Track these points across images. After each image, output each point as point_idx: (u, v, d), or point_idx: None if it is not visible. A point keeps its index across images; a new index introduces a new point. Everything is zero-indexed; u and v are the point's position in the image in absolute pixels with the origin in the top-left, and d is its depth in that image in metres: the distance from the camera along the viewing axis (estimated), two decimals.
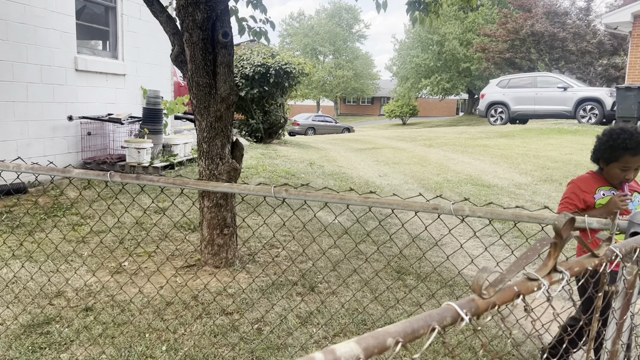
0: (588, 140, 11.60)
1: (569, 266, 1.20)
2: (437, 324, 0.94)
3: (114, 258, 4.10)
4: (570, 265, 1.21)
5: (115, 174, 2.06)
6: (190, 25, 3.30)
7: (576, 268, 1.22)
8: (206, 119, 3.53)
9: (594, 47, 24.47)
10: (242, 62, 10.97)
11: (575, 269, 1.22)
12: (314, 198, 1.91)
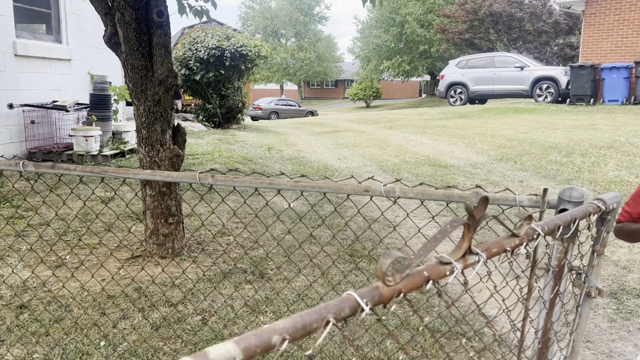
0: (543, 119, 11.83)
1: (486, 247, 1.15)
2: (333, 317, 0.87)
3: (54, 252, 3.92)
4: (487, 247, 1.15)
5: (28, 163, 1.91)
6: (122, 4, 3.13)
7: (494, 249, 1.17)
8: (144, 103, 3.37)
9: (550, 26, 24.94)
10: (197, 45, 10.69)
11: (493, 249, 1.16)
12: (242, 184, 1.82)
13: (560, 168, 7.15)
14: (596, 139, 8.97)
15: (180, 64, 10.92)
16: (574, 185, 1.61)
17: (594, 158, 7.60)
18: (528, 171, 7.15)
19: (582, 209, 1.43)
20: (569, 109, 13.33)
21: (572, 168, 7.11)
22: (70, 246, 4.01)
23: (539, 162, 7.54)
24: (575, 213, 1.40)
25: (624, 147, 8.20)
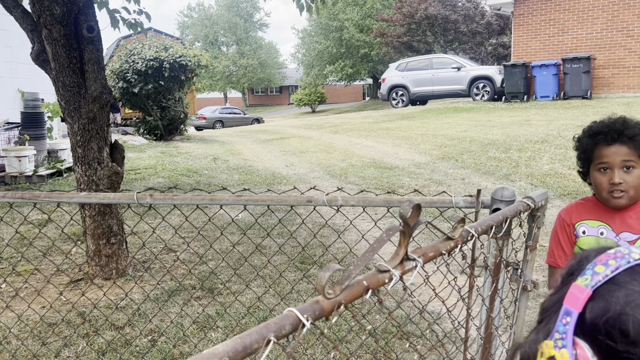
0: (481, 117, 12.26)
1: (423, 252, 1.18)
2: (274, 335, 0.86)
3: None
4: (424, 252, 1.18)
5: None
6: (49, 20, 3.01)
7: (430, 253, 1.20)
8: (78, 121, 3.25)
9: (483, 27, 25.91)
10: (134, 57, 10.43)
11: (429, 254, 1.20)
12: (182, 201, 1.78)
13: (499, 164, 7.43)
14: (531, 134, 9.38)
15: (117, 77, 10.62)
16: (505, 185, 1.68)
17: (530, 153, 7.94)
18: (469, 169, 7.39)
19: (512, 207, 1.49)
20: (504, 106, 13.87)
21: (510, 163, 7.40)
22: (4, 274, 3.81)
23: (479, 159, 7.80)
24: (506, 212, 1.46)
25: (556, 140, 8.61)
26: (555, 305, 0.74)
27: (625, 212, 1.64)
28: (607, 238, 1.66)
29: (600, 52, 13.93)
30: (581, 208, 1.75)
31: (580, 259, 0.77)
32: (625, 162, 1.59)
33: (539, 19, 14.64)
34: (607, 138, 1.61)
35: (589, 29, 14.04)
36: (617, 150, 1.60)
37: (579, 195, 5.82)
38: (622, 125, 1.61)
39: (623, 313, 0.66)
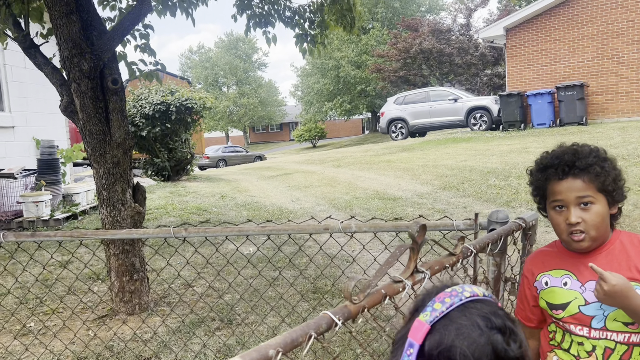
0: (480, 146, 12.54)
1: (430, 266, 1.40)
2: (314, 332, 1.09)
3: (17, 320, 3.89)
4: (430, 265, 1.40)
5: (8, 234, 2.03)
6: (78, 75, 3.30)
7: (436, 267, 1.42)
8: (103, 166, 3.51)
9: (478, 59, 26.53)
10: (141, 102, 10.81)
11: (435, 267, 1.42)
12: (213, 233, 2.01)
13: (500, 191, 7.65)
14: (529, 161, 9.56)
15: None
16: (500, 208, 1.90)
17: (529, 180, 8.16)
18: (470, 197, 7.61)
19: (506, 227, 1.72)
20: (502, 135, 14.19)
21: (510, 190, 7.62)
22: (32, 314, 4.00)
23: (480, 188, 8.03)
24: (500, 231, 1.68)
25: None
26: (402, 338, 0.91)
27: (592, 257, 1.43)
28: (571, 289, 1.46)
29: (593, 79, 14.33)
30: (545, 256, 1.57)
31: (424, 297, 0.94)
32: (581, 198, 1.39)
33: (531, 49, 15.11)
34: (558, 172, 1.43)
35: (580, 57, 14.48)
36: (569, 185, 1.40)
37: None
38: (573, 155, 1.43)
39: (453, 345, 0.83)
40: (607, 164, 1.44)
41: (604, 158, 1.46)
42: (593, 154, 1.45)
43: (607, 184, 1.42)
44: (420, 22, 28.76)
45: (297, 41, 5.32)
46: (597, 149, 1.48)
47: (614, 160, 1.49)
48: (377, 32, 35.30)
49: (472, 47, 26.50)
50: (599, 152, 1.47)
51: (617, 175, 1.45)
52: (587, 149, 1.46)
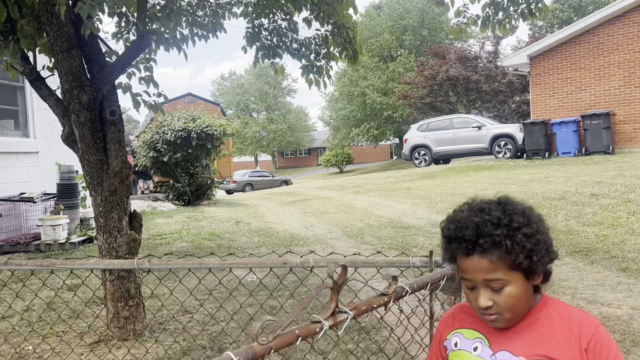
0: (502, 175, 12.37)
1: (355, 306, 1.40)
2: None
3: (16, 343, 4.00)
4: (356, 305, 1.41)
5: None
6: (77, 107, 3.44)
7: (363, 307, 1.42)
8: (100, 194, 3.62)
9: (505, 86, 26.33)
10: (164, 129, 11.09)
11: (362, 307, 1.42)
12: (175, 265, 2.05)
13: None
14: (549, 191, 9.44)
15: (148, 147, 11.27)
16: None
17: (546, 210, 8.00)
18: None
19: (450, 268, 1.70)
20: (526, 163, 13.97)
21: None
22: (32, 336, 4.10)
23: None
24: (445, 271, 1.67)
25: (574, 197, 8.65)
26: None
27: (511, 327, 1.26)
28: (480, 356, 1.28)
29: (619, 108, 14.04)
30: (462, 312, 1.39)
31: None
32: (489, 281, 1.19)
33: (556, 77, 14.94)
34: (461, 248, 1.22)
35: (606, 85, 14.23)
36: (475, 265, 1.19)
37: (591, 253, 5.85)
38: (476, 230, 1.19)
39: None
40: (522, 233, 1.18)
41: (518, 226, 1.18)
42: (503, 223, 1.18)
43: (520, 261, 1.17)
44: (448, 49, 28.81)
45: (303, 72, 5.42)
46: (511, 213, 1.21)
47: (536, 223, 1.23)
48: (404, 59, 35.51)
49: (499, 75, 26.34)
50: (512, 218, 1.20)
51: (536, 244, 1.19)
52: (495, 216, 1.19)
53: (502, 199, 1.29)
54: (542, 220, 1.28)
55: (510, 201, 1.28)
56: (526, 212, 1.25)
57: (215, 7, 5.72)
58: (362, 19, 40.21)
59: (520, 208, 1.25)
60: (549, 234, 1.26)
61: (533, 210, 1.29)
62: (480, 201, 1.30)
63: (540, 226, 1.24)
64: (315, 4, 4.64)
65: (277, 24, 5.59)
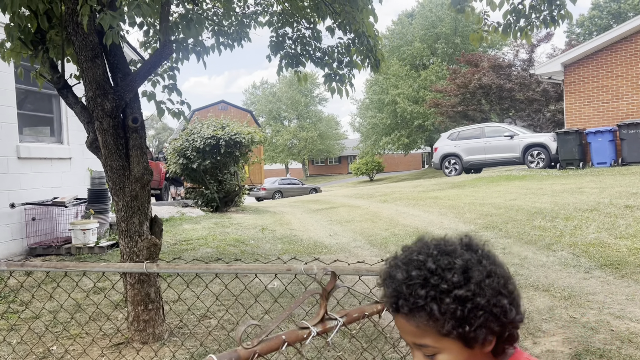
0: (533, 185, 12.10)
1: (346, 312, 1.40)
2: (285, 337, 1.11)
3: (42, 344, 4.12)
4: (347, 312, 1.40)
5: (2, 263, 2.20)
6: (100, 114, 3.54)
7: (355, 314, 1.41)
8: (122, 199, 3.70)
9: (540, 94, 25.80)
10: (193, 136, 11.29)
11: (353, 315, 1.41)
12: (182, 270, 2.09)
13: (543, 233, 7.33)
14: (581, 202, 9.18)
15: (178, 154, 11.49)
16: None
17: (577, 221, 7.78)
18: (512, 238, 7.34)
19: None
20: (559, 173, 13.63)
21: (554, 232, 7.29)
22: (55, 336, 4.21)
23: (523, 229, 7.73)
24: None
25: (607, 209, 8.39)
26: None
27: None
28: None
29: None
30: None
31: None
32: (418, 347, 1.01)
33: (591, 85, 14.57)
34: (387, 305, 1.05)
35: None
36: (401, 326, 1.03)
37: (621, 266, 5.66)
38: (395, 289, 1.01)
39: None
40: (453, 297, 0.96)
41: (448, 288, 0.96)
42: (431, 283, 0.97)
43: (449, 330, 0.96)
44: (481, 57, 28.45)
45: (326, 80, 5.44)
46: (446, 269, 0.99)
47: (479, 283, 0.98)
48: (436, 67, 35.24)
49: (533, 83, 25.83)
50: (444, 277, 0.98)
51: (472, 310, 0.96)
52: (421, 275, 0.98)
53: (446, 246, 1.05)
54: (498, 277, 1.00)
55: (454, 251, 1.04)
56: (469, 267, 0.99)
57: (241, 17, 5.82)
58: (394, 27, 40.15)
59: (461, 263, 1.00)
60: (503, 296, 0.99)
61: (487, 263, 1.02)
62: (419, 248, 1.07)
63: (486, 287, 0.97)
64: (336, 13, 4.67)
65: (301, 33, 5.64)
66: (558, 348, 3.73)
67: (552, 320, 4.23)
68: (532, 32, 3.83)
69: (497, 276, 1.01)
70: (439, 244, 1.08)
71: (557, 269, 5.68)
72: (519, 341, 1.05)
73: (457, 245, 1.07)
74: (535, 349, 3.74)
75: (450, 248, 1.05)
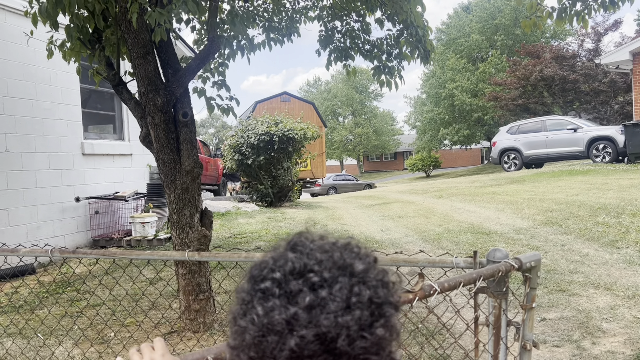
0: (598, 180, 11.52)
1: None
2: (213, 356, 1.13)
3: (100, 330, 4.32)
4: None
5: (55, 250, 2.32)
6: (152, 109, 3.66)
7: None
8: (174, 191, 3.82)
9: (607, 86, 24.51)
10: (248, 132, 11.49)
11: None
12: (222, 258, 2.12)
13: (607, 230, 6.96)
14: None
15: (233, 150, 11.74)
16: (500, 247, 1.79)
17: None
18: (572, 234, 7.01)
19: (491, 267, 1.62)
20: (626, 168, 12.91)
21: (619, 229, 6.91)
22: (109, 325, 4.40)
23: (585, 225, 7.37)
24: (482, 272, 1.59)
25: None
26: None
27: None
28: None
29: None
30: None
31: None
32: None
33: None
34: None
35: None
36: None
37: None
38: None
39: None
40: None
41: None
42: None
43: None
44: (543, 48, 27.34)
45: (375, 73, 5.38)
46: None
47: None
48: (495, 60, 34.18)
49: (600, 74, 24.56)
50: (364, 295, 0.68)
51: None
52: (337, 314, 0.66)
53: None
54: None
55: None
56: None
57: (291, 12, 5.85)
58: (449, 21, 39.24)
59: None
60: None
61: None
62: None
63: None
64: (385, 4, 4.60)
65: (350, 26, 5.61)
66: (619, 349, 3.53)
67: (613, 320, 4.01)
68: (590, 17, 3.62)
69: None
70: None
71: (620, 267, 5.38)
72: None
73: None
74: (594, 350, 3.56)
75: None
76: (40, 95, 6.76)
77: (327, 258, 0.72)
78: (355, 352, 0.65)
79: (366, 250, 0.77)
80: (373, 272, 0.73)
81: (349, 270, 0.71)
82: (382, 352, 0.68)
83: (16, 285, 5.70)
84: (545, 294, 4.67)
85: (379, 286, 0.71)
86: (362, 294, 0.68)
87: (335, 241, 0.76)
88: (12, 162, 6.32)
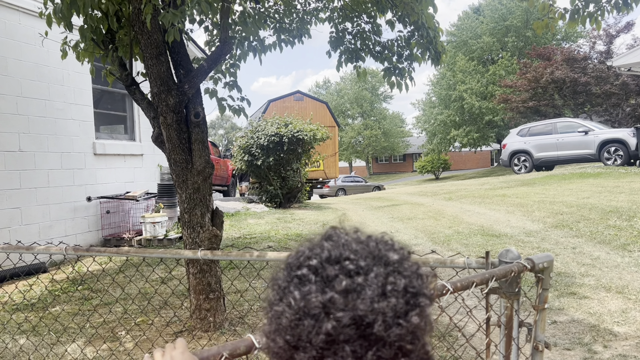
0: (609, 183, 11.43)
1: None
2: (228, 353, 1.14)
3: (112, 329, 4.35)
4: None
5: (69, 248, 2.35)
6: (165, 109, 3.69)
7: None
8: (185, 191, 3.85)
9: (618, 88, 24.30)
10: (258, 134, 11.53)
11: None
12: (234, 257, 2.14)
13: (618, 233, 6.91)
14: None
15: (243, 151, 11.78)
16: (512, 247, 1.79)
17: None
18: (583, 237, 6.97)
19: (504, 267, 1.62)
20: (638, 171, 12.80)
21: (631, 232, 6.85)
22: (121, 323, 4.43)
23: (596, 228, 7.32)
24: (494, 272, 1.59)
25: None
26: None
27: None
28: None
29: None
30: None
31: None
32: None
33: None
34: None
35: None
36: None
37: None
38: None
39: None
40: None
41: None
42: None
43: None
44: (553, 50, 27.19)
45: (385, 74, 5.38)
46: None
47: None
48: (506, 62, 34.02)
49: (611, 76, 24.36)
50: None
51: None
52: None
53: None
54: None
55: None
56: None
57: (302, 14, 5.87)
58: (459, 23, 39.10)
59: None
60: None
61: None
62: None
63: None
64: (396, 5, 4.61)
65: (361, 28, 5.62)
66: (631, 353, 3.51)
67: (625, 324, 3.99)
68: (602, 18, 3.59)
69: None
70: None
71: (632, 270, 5.34)
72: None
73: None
74: (605, 353, 3.54)
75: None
76: (53, 96, 6.83)
77: (362, 248, 0.74)
78: (390, 338, 0.66)
79: (400, 243, 0.78)
80: (407, 263, 0.74)
81: (384, 260, 0.72)
82: (417, 342, 0.68)
83: (30, 283, 5.76)
84: (556, 297, 4.64)
85: (413, 277, 0.72)
86: (398, 282, 0.69)
87: (370, 234, 0.79)
88: (25, 162, 6.39)
